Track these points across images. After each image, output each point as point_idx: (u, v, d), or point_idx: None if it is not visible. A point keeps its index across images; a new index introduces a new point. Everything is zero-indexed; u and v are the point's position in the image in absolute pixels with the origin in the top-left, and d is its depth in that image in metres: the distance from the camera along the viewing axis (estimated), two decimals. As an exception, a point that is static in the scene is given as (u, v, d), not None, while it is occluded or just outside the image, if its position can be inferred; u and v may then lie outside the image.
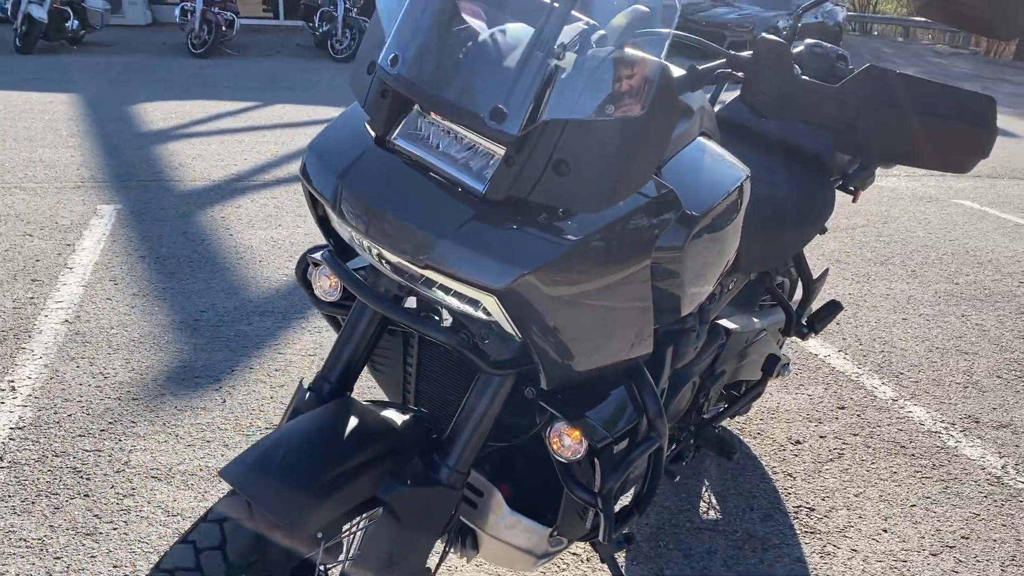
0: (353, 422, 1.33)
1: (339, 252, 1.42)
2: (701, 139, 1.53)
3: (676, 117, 1.21)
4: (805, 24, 15.93)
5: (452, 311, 1.26)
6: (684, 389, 1.89)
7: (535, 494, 1.58)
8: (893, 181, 6.94)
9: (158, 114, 7.60)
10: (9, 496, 2.26)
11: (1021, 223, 5.95)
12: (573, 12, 1.12)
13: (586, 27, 1.10)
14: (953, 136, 1.24)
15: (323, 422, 1.32)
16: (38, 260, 3.95)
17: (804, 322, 2.40)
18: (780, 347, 2.51)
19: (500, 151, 1.13)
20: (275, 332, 3.36)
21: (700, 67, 1.29)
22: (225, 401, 2.81)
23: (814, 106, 1.21)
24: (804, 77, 1.22)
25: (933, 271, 4.71)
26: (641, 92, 1.09)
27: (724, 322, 2.10)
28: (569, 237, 1.13)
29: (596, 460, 1.33)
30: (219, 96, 8.82)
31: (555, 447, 1.32)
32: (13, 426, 2.58)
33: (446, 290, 1.19)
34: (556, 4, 1.09)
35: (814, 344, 3.59)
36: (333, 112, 8.27)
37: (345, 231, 1.28)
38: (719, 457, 2.27)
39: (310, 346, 3.24)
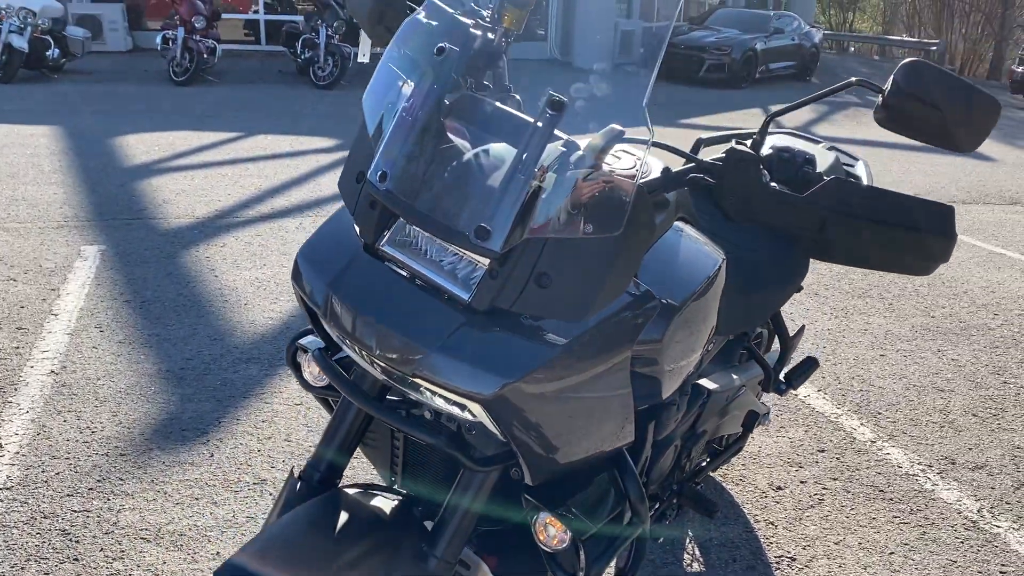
0: (343, 517, 1.36)
1: (327, 342, 1.46)
2: (678, 223, 1.58)
3: (652, 229, 1.26)
4: (781, 46, 16.16)
5: (438, 410, 1.31)
6: (666, 453, 1.94)
7: (522, 566, 1.62)
8: (870, 209, 7.04)
9: (141, 147, 7.61)
10: (-2, 562, 2.27)
11: (994, 251, 6.07)
12: (557, 132, 1.18)
13: (565, 148, 1.15)
14: (915, 244, 1.30)
15: (314, 517, 1.36)
16: (23, 306, 3.96)
17: (782, 378, 2.46)
18: (759, 398, 2.56)
19: (484, 262, 1.18)
20: (261, 380, 3.38)
21: (673, 171, 1.34)
22: (212, 455, 2.83)
23: (781, 214, 1.26)
24: (772, 185, 1.28)
25: (910, 304, 4.80)
26: (616, 211, 1.15)
27: (704, 382, 2.15)
28: (553, 344, 1.18)
29: (580, 548, 1.38)
30: (201, 126, 8.84)
31: (540, 537, 1.37)
32: (1, 486, 2.59)
33: (432, 392, 1.24)
34: (539, 124, 1.14)
35: (794, 384, 3.64)
36: (316, 142, 8.31)
37: (334, 333, 1.32)
38: (701, 515, 2.31)
39: (295, 395, 3.27)
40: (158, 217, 5.51)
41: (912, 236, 1.28)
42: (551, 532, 1.36)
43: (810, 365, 2.45)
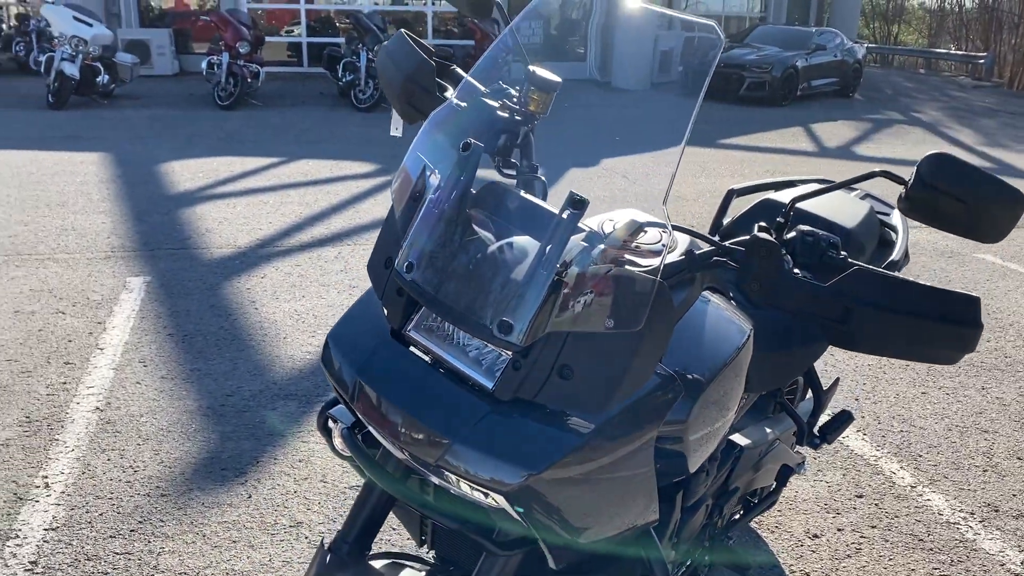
0: None
1: (356, 416, 1.48)
2: (706, 293, 1.59)
3: (672, 319, 1.27)
4: (823, 63, 16.00)
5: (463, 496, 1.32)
6: (697, 513, 1.93)
7: None
8: (913, 235, 6.93)
9: (186, 173, 7.78)
10: (43, 605, 2.33)
11: (1043, 280, 5.94)
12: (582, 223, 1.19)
13: (586, 244, 1.17)
14: (940, 334, 1.29)
15: None
16: (70, 340, 4.06)
17: (816, 432, 2.44)
18: (793, 448, 2.54)
19: (508, 353, 1.20)
20: (298, 417, 3.43)
21: (696, 253, 1.35)
22: (251, 496, 2.87)
23: (804, 302, 1.26)
24: (796, 271, 1.28)
25: (953, 337, 4.71)
26: (638, 308, 1.16)
27: (737, 437, 2.14)
28: (577, 434, 1.19)
29: None
30: (245, 152, 9.01)
31: None
32: (47, 527, 2.66)
33: (457, 478, 1.25)
34: (563, 217, 1.16)
35: (832, 423, 3.60)
36: (357, 167, 8.42)
37: (362, 417, 1.35)
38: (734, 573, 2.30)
39: (333, 433, 3.30)
40: (201, 247, 5.63)
41: (937, 327, 1.28)
42: None
43: (844, 419, 2.43)
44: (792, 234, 1.37)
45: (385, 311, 1.32)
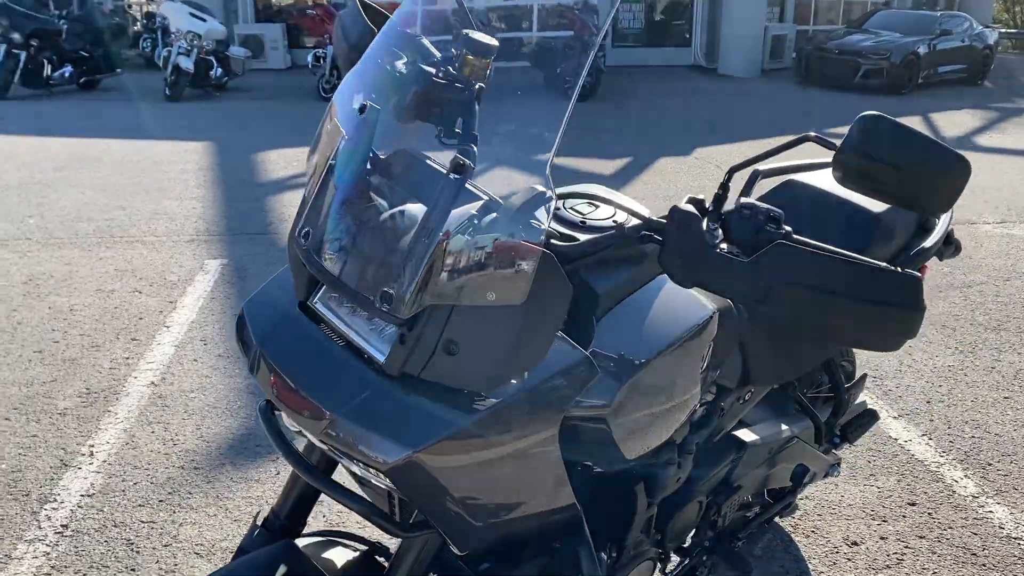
0: (282, 570, 1.35)
1: None
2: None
3: (566, 297, 1.18)
4: (949, 48, 15.08)
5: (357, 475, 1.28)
6: (686, 510, 1.83)
7: None
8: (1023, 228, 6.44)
9: (281, 162, 8.02)
10: (65, 567, 2.43)
11: None
12: (476, 189, 1.13)
13: (476, 212, 1.10)
14: (873, 317, 1.15)
15: (256, 569, 1.35)
16: (141, 318, 4.25)
17: (837, 431, 2.27)
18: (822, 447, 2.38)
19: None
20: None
21: (626, 227, 1.26)
22: (279, 473, 2.92)
23: (724, 279, 1.15)
24: (721, 246, 1.17)
25: (1052, 339, 4.34)
26: (519, 281, 1.09)
27: (743, 433, 2.02)
28: (464, 414, 1.13)
29: None
30: (340, 141, 9.21)
31: None
32: (84, 493, 2.78)
33: (349, 457, 1.21)
34: (443, 187, 1.10)
35: (895, 426, 3.37)
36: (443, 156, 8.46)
37: (263, 388, 1.32)
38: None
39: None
40: (281, 232, 5.78)
41: (871, 309, 1.14)
42: None
43: (868, 418, 2.25)
44: (730, 207, 1.26)
45: (294, 282, 1.29)
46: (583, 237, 1.31)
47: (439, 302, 1.09)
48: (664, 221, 1.23)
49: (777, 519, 2.68)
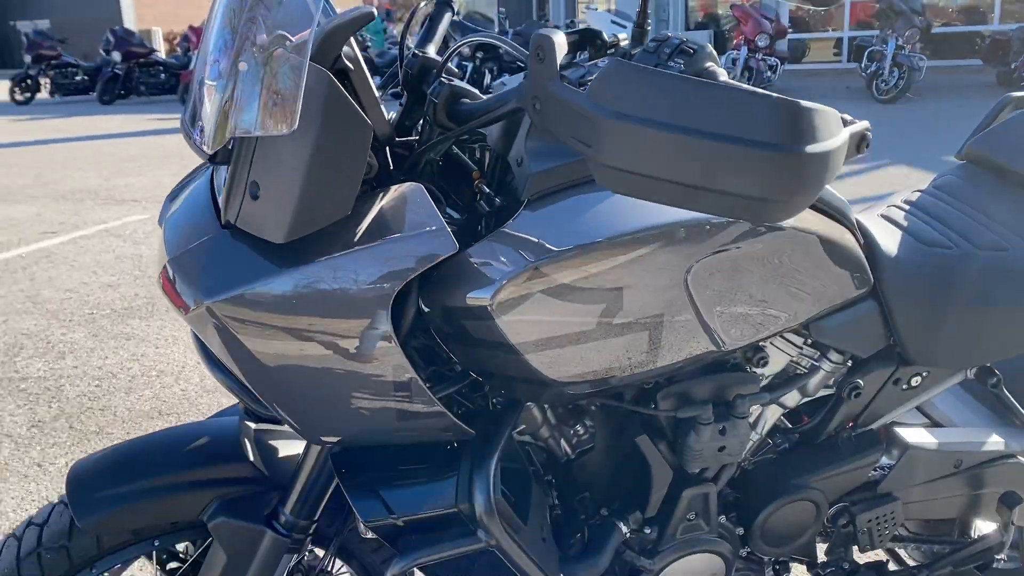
0: (219, 441, 1.31)
1: None
2: None
3: (361, 131, 0.96)
4: None
5: None
6: (785, 506, 1.41)
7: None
8: None
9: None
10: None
11: None
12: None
13: (285, 32, 0.95)
14: (735, 163, 0.74)
15: (190, 432, 1.33)
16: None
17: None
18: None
19: None
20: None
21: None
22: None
23: (567, 118, 0.84)
24: (565, 82, 0.86)
25: None
26: (289, 101, 0.92)
27: (907, 430, 1.52)
28: (274, 270, 1.00)
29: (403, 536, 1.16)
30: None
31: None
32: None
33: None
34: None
35: None
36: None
37: None
38: None
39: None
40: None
41: (729, 148, 0.73)
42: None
43: None
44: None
45: None
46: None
47: (232, 134, 0.98)
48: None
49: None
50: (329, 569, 1.37)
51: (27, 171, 8.57)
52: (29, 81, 16.43)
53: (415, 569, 1.20)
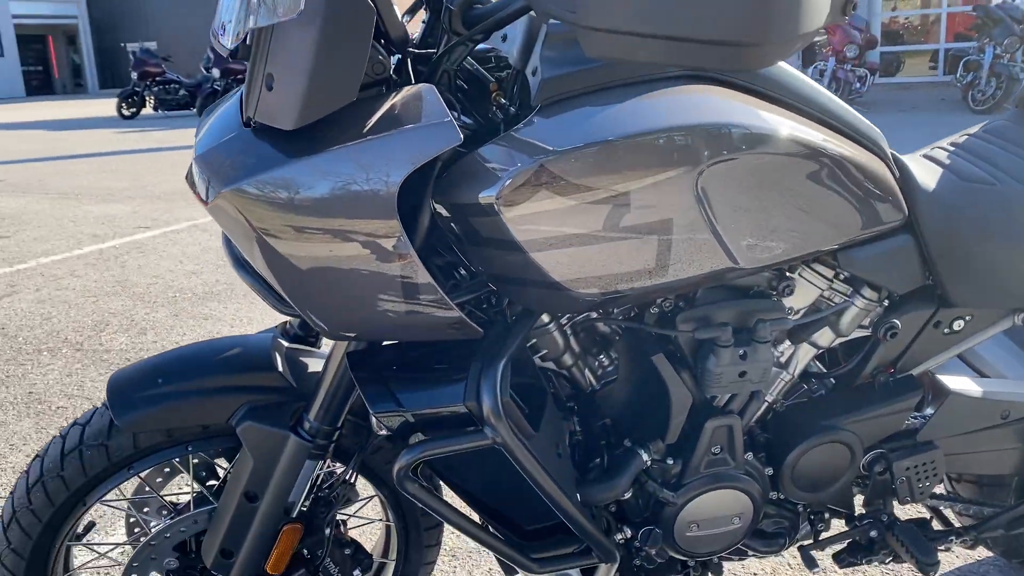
0: (250, 353, 1.36)
1: None
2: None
3: (365, 15, 1.00)
4: None
5: None
6: (813, 448, 1.39)
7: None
8: None
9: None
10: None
11: None
12: None
13: None
14: (712, 5, 0.76)
15: (224, 344, 1.39)
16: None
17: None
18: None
19: None
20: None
21: None
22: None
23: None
24: None
25: None
26: None
27: (945, 377, 1.48)
28: (284, 159, 1.04)
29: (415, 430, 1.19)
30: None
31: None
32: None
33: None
34: None
35: None
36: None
37: None
38: (913, 566, 1.54)
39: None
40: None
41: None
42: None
43: None
44: None
45: None
46: None
47: (250, 26, 1.03)
48: None
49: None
50: (351, 481, 1.40)
51: (127, 176, 9.02)
52: (135, 97, 17.30)
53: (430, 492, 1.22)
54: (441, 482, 1.41)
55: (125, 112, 17.25)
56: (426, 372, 1.21)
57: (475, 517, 1.32)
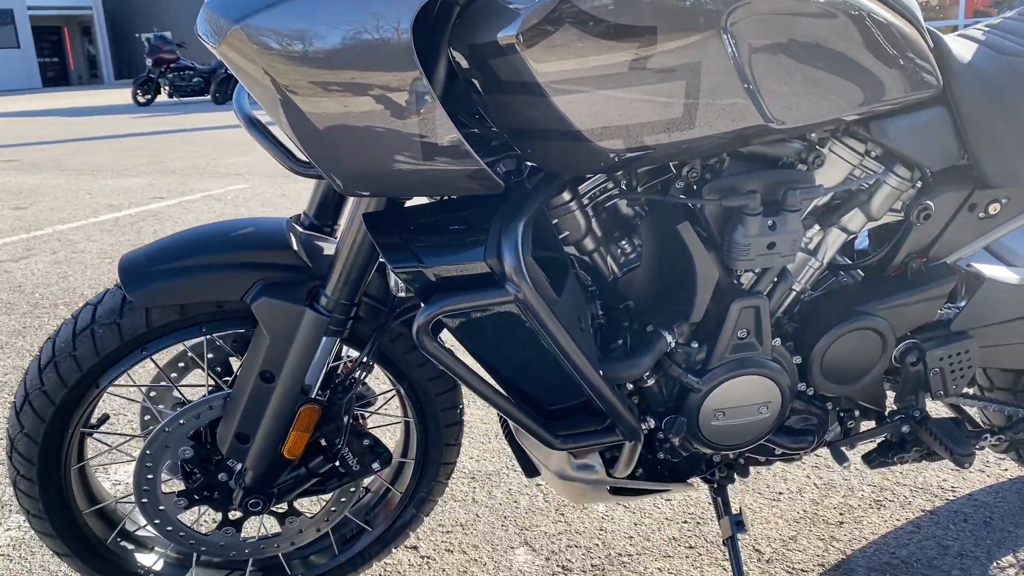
0: (265, 232, 1.33)
1: None
2: None
3: None
4: None
5: None
6: (842, 336, 1.35)
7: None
8: None
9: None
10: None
11: None
12: None
13: None
14: None
15: (238, 224, 1.35)
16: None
17: None
18: None
19: None
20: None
21: None
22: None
23: None
24: None
25: None
26: None
27: (980, 265, 1.44)
28: None
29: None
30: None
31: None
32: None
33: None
34: None
35: None
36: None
37: None
38: (948, 459, 1.49)
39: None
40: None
41: None
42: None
43: None
44: None
45: None
46: None
47: None
48: None
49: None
50: (369, 364, 1.37)
51: (143, 154, 9.03)
52: (150, 84, 17.33)
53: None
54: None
55: (140, 99, 17.28)
56: (445, 232, 1.17)
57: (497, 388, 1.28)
